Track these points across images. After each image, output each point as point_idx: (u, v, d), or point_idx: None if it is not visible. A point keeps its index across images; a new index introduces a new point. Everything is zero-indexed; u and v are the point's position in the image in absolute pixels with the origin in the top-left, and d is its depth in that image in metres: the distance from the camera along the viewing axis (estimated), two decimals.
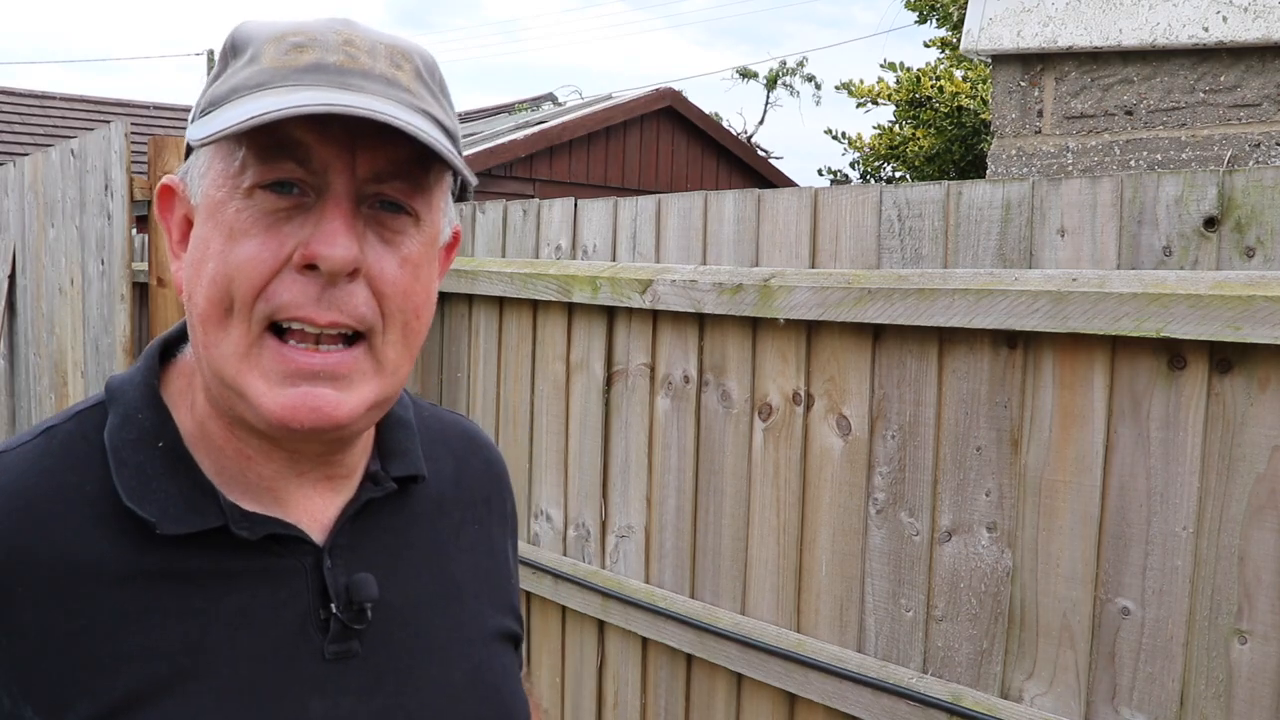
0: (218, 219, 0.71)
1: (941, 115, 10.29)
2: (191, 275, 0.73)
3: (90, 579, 0.70)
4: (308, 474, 0.79)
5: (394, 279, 0.73)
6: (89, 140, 4.01)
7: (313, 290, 0.69)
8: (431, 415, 0.95)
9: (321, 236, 0.69)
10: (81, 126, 11.26)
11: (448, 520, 0.89)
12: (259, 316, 0.70)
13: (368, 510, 0.82)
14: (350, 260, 0.69)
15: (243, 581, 0.74)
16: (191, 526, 0.72)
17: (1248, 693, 1.47)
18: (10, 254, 4.95)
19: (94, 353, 4.05)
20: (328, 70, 0.70)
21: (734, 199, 2.11)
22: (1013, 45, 2.96)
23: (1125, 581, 1.58)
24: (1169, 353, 1.52)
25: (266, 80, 0.70)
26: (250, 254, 0.69)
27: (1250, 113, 2.64)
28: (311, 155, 0.69)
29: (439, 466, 0.90)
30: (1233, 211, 1.48)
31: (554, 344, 2.53)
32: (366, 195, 0.72)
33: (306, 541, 0.77)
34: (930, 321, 1.72)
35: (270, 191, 0.70)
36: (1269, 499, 1.44)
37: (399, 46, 0.75)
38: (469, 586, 0.88)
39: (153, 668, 0.69)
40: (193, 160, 0.75)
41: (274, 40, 0.72)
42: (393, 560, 0.82)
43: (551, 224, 2.56)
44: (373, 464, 0.84)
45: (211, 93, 0.73)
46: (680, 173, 11.28)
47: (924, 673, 1.82)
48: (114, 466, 0.73)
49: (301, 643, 0.75)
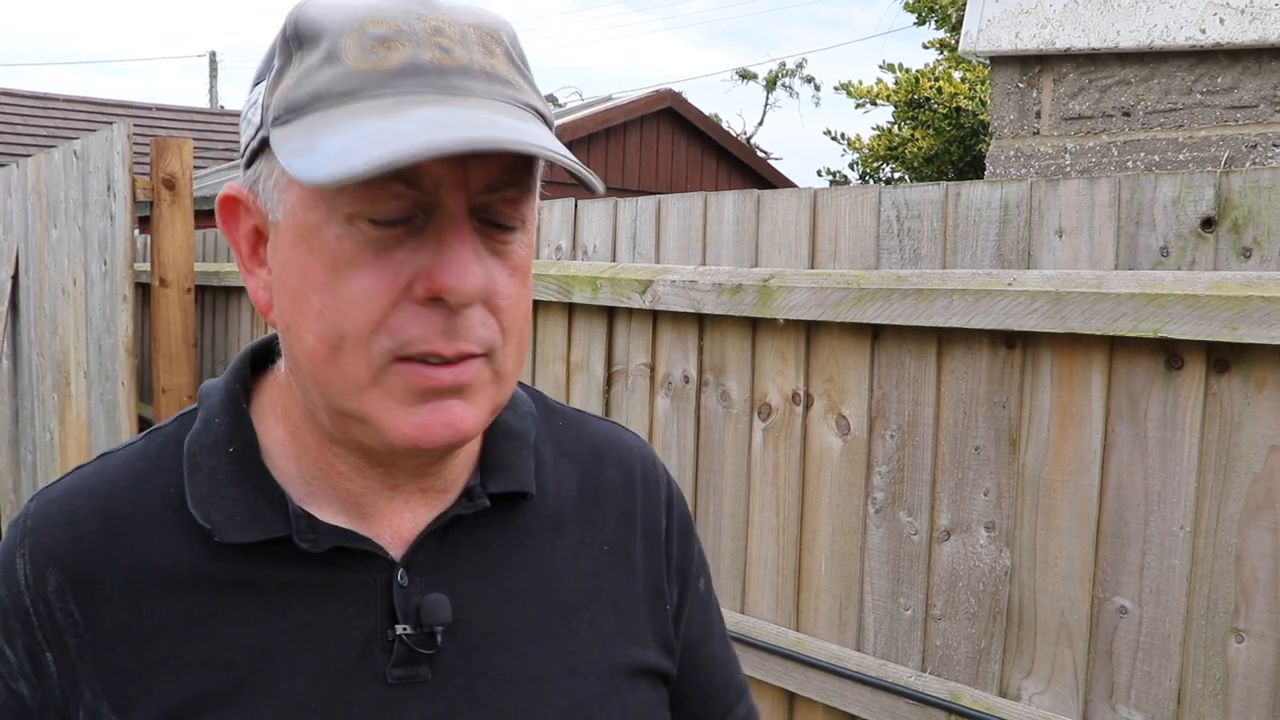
0: (312, 244, 0.64)
1: (940, 116, 10.30)
2: (289, 306, 0.67)
3: (162, 582, 0.70)
4: (401, 487, 0.74)
5: (508, 293, 0.67)
6: (91, 141, 4.02)
7: (438, 322, 0.64)
8: (571, 424, 0.87)
9: (448, 267, 0.63)
10: (84, 128, 11.28)
11: (564, 541, 0.80)
12: (380, 351, 0.64)
13: (459, 527, 0.76)
14: (483, 290, 0.64)
15: (309, 595, 0.71)
16: (253, 535, 0.70)
17: (1244, 691, 1.48)
18: (13, 254, 4.96)
19: (96, 353, 4.05)
20: (425, 72, 0.63)
21: (733, 200, 2.12)
22: (1011, 47, 2.97)
23: (1123, 580, 1.59)
24: (1166, 353, 1.53)
25: (358, 88, 0.63)
26: (364, 288, 0.63)
27: (1247, 114, 2.65)
28: (422, 175, 0.62)
29: (559, 480, 0.82)
30: (1230, 212, 1.49)
31: (554, 344, 2.54)
32: (477, 207, 0.65)
33: (381, 556, 0.72)
34: (929, 322, 1.73)
35: (378, 222, 0.63)
36: (1266, 498, 1.45)
37: (485, 26, 0.68)
38: (585, 614, 0.79)
39: (214, 676, 0.68)
40: (263, 168, 0.68)
41: (353, 31, 0.64)
42: (484, 583, 0.75)
43: (552, 224, 2.57)
44: (473, 479, 0.77)
45: (288, 96, 0.65)
46: (680, 173, 11.29)
47: (923, 671, 1.82)
48: (186, 471, 0.72)
49: (364, 664, 0.70)
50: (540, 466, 0.81)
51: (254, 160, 0.69)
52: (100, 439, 4.06)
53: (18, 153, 10.65)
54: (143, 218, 3.89)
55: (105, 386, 3.98)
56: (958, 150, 10.30)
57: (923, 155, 10.46)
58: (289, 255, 0.66)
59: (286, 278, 0.67)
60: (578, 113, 10.92)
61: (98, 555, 0.70)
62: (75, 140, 4.22)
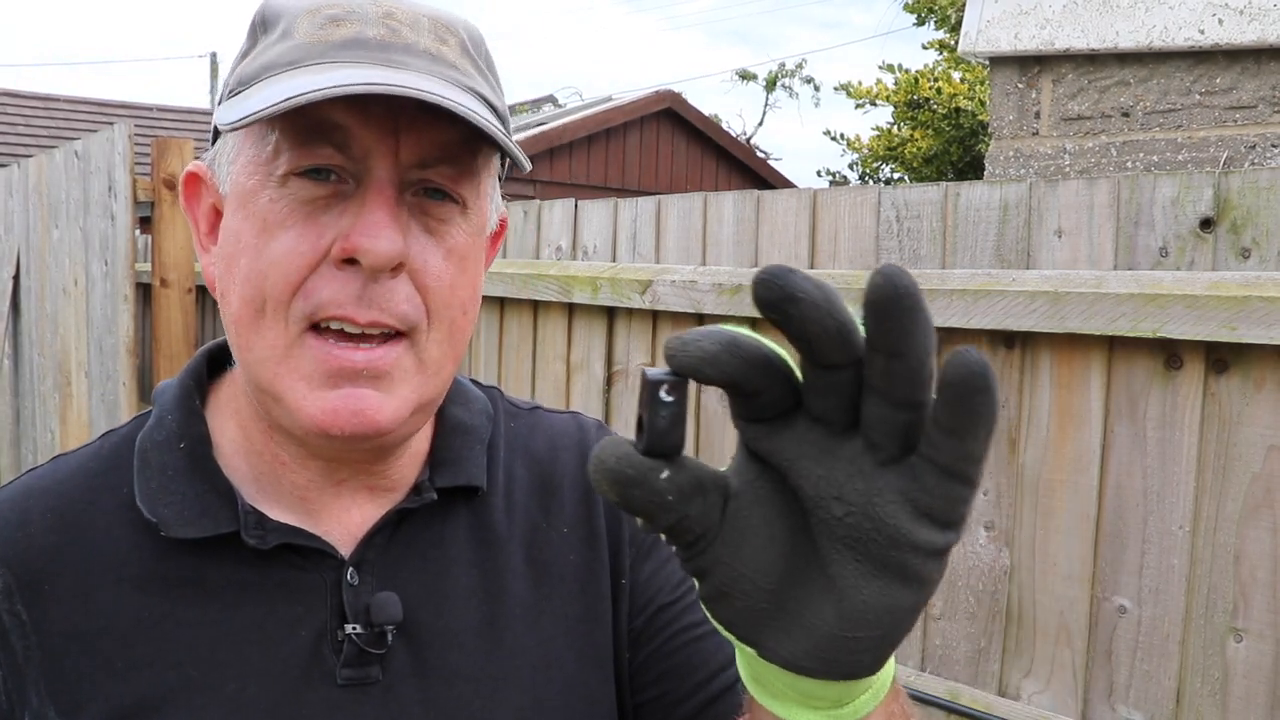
0: (249, 209, 0.66)
1: (939, 117, 10.31)
2: (224, 271, 0.68)
3: (113, 581, 0.68)
4: (346, 483, 0.73)
5: (438, 273, 0.67)
6: (92, 142, 4.03)
7: (353, 286, 0.64)
8: (526, 419, 0.86)
9: (363, 228, 0.63)
10: (85, 128, 11.28)
11: (519, 535, 0.78)
12: (296, 315, 0.64)
13: (409, 524, 0.74)
14: (395, 254, 0.63)
15: (259, 594, 0.69)
16: (200, 531, 0.69)
17: (1243, 690, 1.48)
18: (14, 255, 4.96)
19: (97, 353, 4.06)
20: (368, 45, 0.65)
21: (733, 200, 2.12)
22: (1010, 47, 2.98)
23: (1122, 580, 1.59)
24: (1166, 353, 1.54)
25: (301, 57, 0.65)
26: (286, 247, 0.64)
27: (1246, 114, 2.65)
28: (351, 139, 0.64)
29: (514, 475, 0.81)
30: (1229, 213, 1.49)
31: (554, 344, 2.54)
32: (410, 182, 0.66)
33: (330, 555, 0.71)
34: None
35: (307, 179, 0.64)
36: (1265, 498, 1.46)
37: (442, 19, 0.69)
38: (545, 605, 0.77)
39: (163, 677, 0.67)
40: (220, 146, 0.70)
41: (308, 13, 0.67)
42: (437, 580, 0.74)
43: (552, 225, 2.57)
44: (422, 474, 0.76)
45: (241, 71, 0.68)
46: (680, 174, 11.30)
47: (922, 670, 1.83)
48: (137, 467, 0.71)
49: (314, 664, 0.69)
50: (494, 462, 0.80)
51: (215, 139, 0.71)
52: None
53: (19, 153, 10.66)
54: (144, 218, 3.89)
55: (106, 387, 3.98)
56: (957, 150, 10.31)
57: (922, 156, 10.46)
58: (229, 223, 0.68)
59: (225, 245, 0.68)
60: (578, 113, 10.93)
61: (48, 555, 0.69)
62: (76, 141, 4.23)
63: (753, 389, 0.43)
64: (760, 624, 0.46)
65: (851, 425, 0.43)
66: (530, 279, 2.53)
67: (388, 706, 0.70)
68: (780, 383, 0.44)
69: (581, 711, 0.76)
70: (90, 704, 0.67)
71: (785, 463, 0.44)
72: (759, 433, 0.45)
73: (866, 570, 0.43)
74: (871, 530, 0.43)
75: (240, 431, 0.74)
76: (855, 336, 0.42)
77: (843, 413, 0.43)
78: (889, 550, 0.43)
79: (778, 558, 0.46)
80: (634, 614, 0.80)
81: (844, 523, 0.43)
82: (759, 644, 0.46)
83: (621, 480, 0.43)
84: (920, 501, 0.42)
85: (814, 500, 0.44)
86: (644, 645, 0.80)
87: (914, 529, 0.42)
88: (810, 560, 0.45)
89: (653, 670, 0.79)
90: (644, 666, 0.79)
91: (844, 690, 0.48)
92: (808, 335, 0.41)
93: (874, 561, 0.43)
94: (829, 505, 0.43)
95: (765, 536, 0.45)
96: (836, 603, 0.44)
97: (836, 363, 0.42)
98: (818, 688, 0.48)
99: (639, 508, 0.43)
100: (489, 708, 0.72)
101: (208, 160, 0.71)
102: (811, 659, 0.45)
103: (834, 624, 0.44)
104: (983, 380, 0.40)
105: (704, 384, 0.43)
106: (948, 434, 0.41)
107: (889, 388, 0.41)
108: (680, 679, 0.79)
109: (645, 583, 0.81)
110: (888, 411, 0.42)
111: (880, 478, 0.42)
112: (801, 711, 0.49)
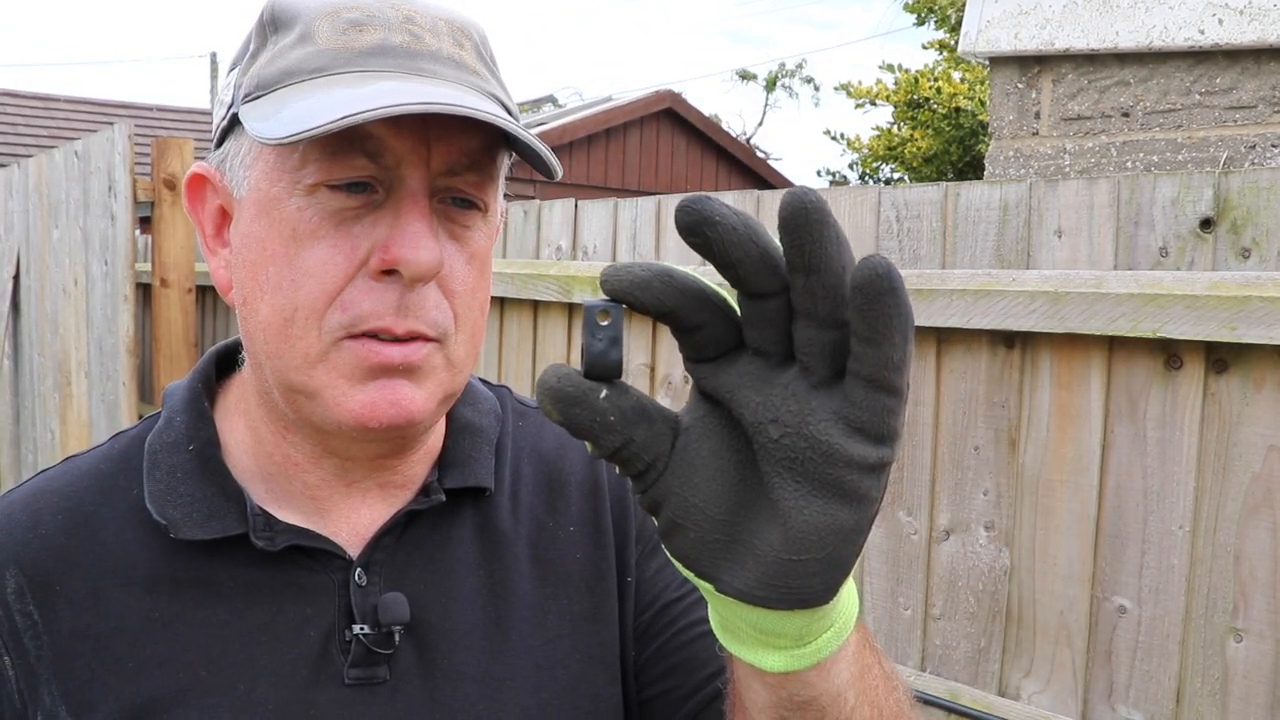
0: (273, 216, 0.65)
1: (939, 116, 10.31)
2: (247, 278, 0.67)
3: (123, 582, 0.69)
4: (358, 483, 0.74)
5: (464, 278, 0.68)
6: (92, 142, 4.03)
7: (391, 297, 0.64)
8: (535, 417, 0.86)
9: (403, 240, 0.63)
10: (85, 128, 11.28)
11: (526, 534, 0.79)
12: (333, 325, 0.64)
13: (417, 525, 0.75)
14: (436, 264, 0.64)
15: (268, 595, 0.70)
16: (209, 533, 0.69)
17: (1243, 690, 1.48)
18: (14, 255, 4.97)
19: (98, 353, 4.06)
20: (395, 53, 0.65)
21: (733, 200, 2.13)
22: (1010, 47, 2.98)
23: (1122, 580, 1.59)
24: (1165, 353, 1.54)
25: (327, 65, 0.64)
26: (321, 257, 0.64)
27: (1246, 114, 2.65)
28: (385, 149, 0.63)
29: (521, 475, 0.81)
30: (1229, 213, 1.50)
31: (555, 344, 2.54)
32: (438, 189, 0.66)
33: (338, 555, 0.72)
34: (928, 321, 1.74)
35: (339, 190, 0.64)
36: (1264, 498, 1.46)
37: (457, 22, 0.70)
38: (552, 605, 0.77)
39: (173, 677, 0.68)
40: (231, 147, 0.69)
41: (326, 15, 0.66)
42: (444, 580, 0.74)
43: (552, 225, 2.58)
44: (431, 475, 0.77)
45: (258, 74, 0.66)
46: (680, 174, 11.30)
47: (922, 670, 1.83)
48: (146, 469, 0.72)
49: (323, 665, 0.70)
50: (501, 462, 0.80)
51: (224, 140, 0.70)
52: (101, 439, 4.06)
53: (19, 153, 10.66)
54: (144, 218, 3.89)
55: (106, 386, 3.98)
56: (957, 150, 10.31)
57: (922, 155, 10.47)
58: (250, 229, 0.67)
59: (246, 251, 0.67)
60: (578, 113, 10.93)
61: (59, 556, 0.69)
62: (76, 141, 4.23)
63: (691, 322, 0.45)
64: (715, 556, 0.47)
65: (789, 355, 0.45)
66: (530, 279, 2.53)
67: (395, 706, 0.70)
68: (720, 319, 0.46)
69: (587, 709, 0.76)
70: (101, 704, 0.67)
71: (727, 394, 0.46)
72: (706, 372, 0.47)
73: (806, 490, 0.45)
74: (807, 449, 0.44)
75: (250, 433, 0.74)
76: (779, 262, 0.44)
77: (779, 344, 0.45)
78: (825, 468, 0.44)
79: (727, 487, 0.47)
80: (640, 611, 0.80)
81: (780, 444, 0.45)
82: (715, 578, 0.48)
83: (563, 398, 0.45)
84: (851, 417, 0.44)
85: (753, 426, 0.46)
86: (649, 642, 0.80)
87: (846, 444, 0.44)
88: (756, 489, 0.47)
89: (658, 666, 0.79)
90: (649, 663, 0.79)
91: (803, 625, 0.49)
92: (731, 260, 0.43)
93: (813, 481, 0.45)
94: (766, 429, 0.45)
95: (714, 468, 0.47)
96: (782, 527, 0.45)
97: (765, 290, 0.44)
98: (776, 621, 0.49)
99: (582, 427, 0.45)
100: (495, 707, 0.73)
101: (214, 161, 0.71)
102: (763, 587, 0.47)
103: (780, 548, 0.46)
104: (887, 281, 0.41)
105: (640, 312, 0.44)
106: (866, 343, 0.42)
107: (812, 307, 0.43)
108: (685, 675, 0.78)
109: (651, 580, 0.81)
110: (815, 332, 0.43)
111: (814, 398, 0.44)
112: (766, 653, 0.51)
